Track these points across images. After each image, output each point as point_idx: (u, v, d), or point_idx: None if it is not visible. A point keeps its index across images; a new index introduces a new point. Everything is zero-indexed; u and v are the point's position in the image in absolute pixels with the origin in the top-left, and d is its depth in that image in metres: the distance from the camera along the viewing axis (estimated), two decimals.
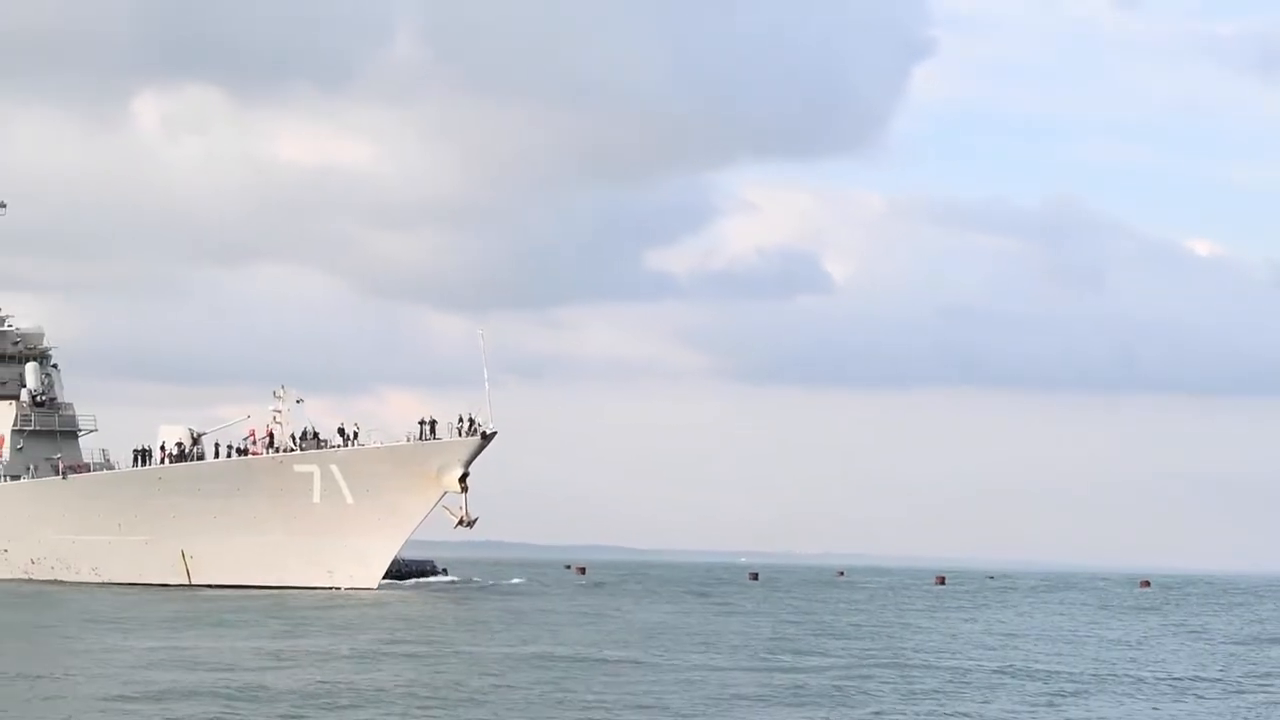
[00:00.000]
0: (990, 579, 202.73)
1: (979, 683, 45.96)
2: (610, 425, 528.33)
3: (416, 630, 61.53)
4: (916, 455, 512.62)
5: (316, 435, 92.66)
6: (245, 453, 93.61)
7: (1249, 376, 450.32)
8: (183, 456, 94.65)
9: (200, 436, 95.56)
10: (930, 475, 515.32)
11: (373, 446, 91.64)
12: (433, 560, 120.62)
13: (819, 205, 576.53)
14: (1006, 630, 72.79)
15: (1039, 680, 47.26)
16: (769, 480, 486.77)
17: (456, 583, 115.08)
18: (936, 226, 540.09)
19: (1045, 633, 71.72)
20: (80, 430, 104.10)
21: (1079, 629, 76.02)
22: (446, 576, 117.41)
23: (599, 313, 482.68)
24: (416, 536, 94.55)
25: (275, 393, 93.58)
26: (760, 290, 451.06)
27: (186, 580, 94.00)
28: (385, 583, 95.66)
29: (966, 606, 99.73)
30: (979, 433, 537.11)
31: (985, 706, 40.58)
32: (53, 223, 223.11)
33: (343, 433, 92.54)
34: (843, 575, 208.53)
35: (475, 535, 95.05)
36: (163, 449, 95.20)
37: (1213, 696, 45.00)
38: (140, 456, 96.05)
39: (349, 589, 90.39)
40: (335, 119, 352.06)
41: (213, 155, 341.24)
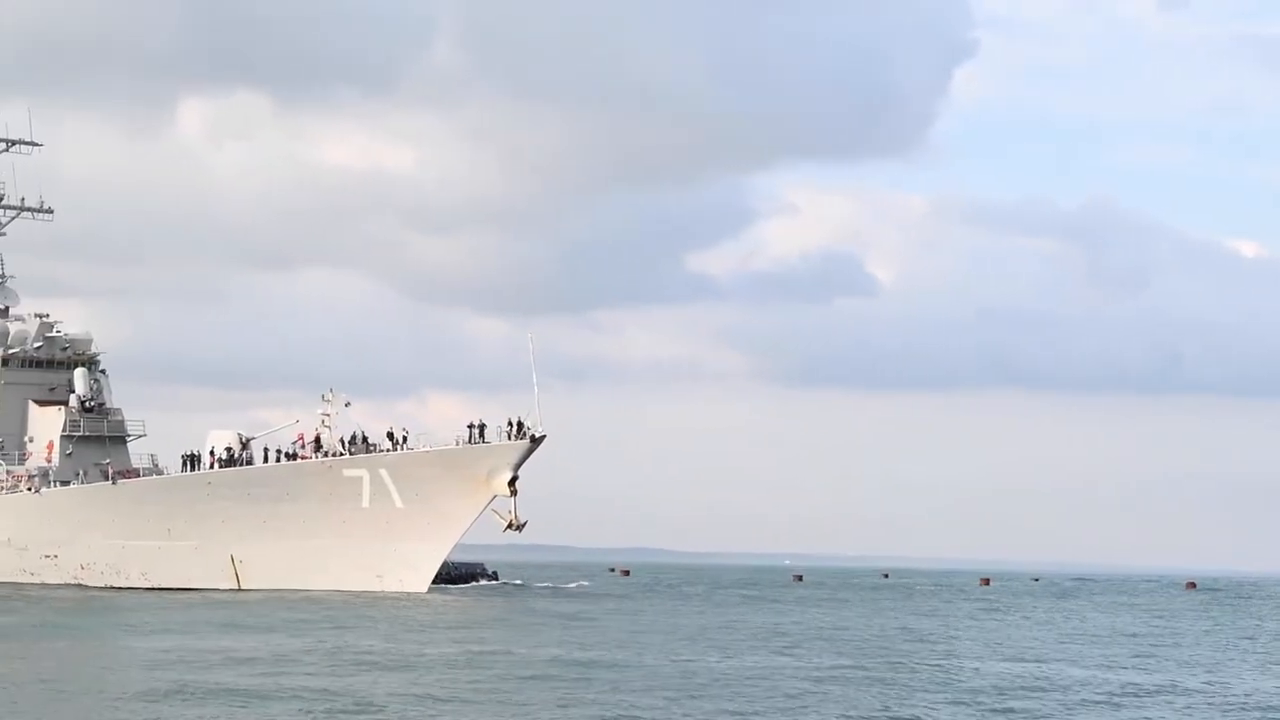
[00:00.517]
0: (1035, 580, 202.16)
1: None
2: (651, 427, 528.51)
3: (512, 634, 61.37)
4: (957, 457, 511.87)
5: (365, 439, 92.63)
6: (294, 457, 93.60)
7: None
8: (232, 461, 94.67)
9: (249, 441, 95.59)
10: (970, 477, 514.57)
11: (422, 450, 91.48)
12: (482, 563, 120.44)
13: (860, 207, 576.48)
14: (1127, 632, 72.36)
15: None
16: (810, 482, 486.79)
17: (518, 585, 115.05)
18: (977, 228, 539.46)
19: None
20: (129, 435, 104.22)
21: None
22: (496, 580, 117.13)
23: (640, 315, 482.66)
24: (460, 539, 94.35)
25: (324, 396, 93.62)
26: (801, 292, 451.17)
27: (236, 585, 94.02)
28: (435, 586, 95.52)
29: (1044, 609, 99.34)
30: (1019, 434, 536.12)
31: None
32: (98, 229, 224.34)
33: (391, 436, 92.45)
34: (887, 577, 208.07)
35: (518, 538, 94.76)
36: (212, 454, 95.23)
37: None
38: (189, 461, 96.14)
39: (399, 593, 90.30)
40: (378, 123, 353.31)
41: (257, 160, 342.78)
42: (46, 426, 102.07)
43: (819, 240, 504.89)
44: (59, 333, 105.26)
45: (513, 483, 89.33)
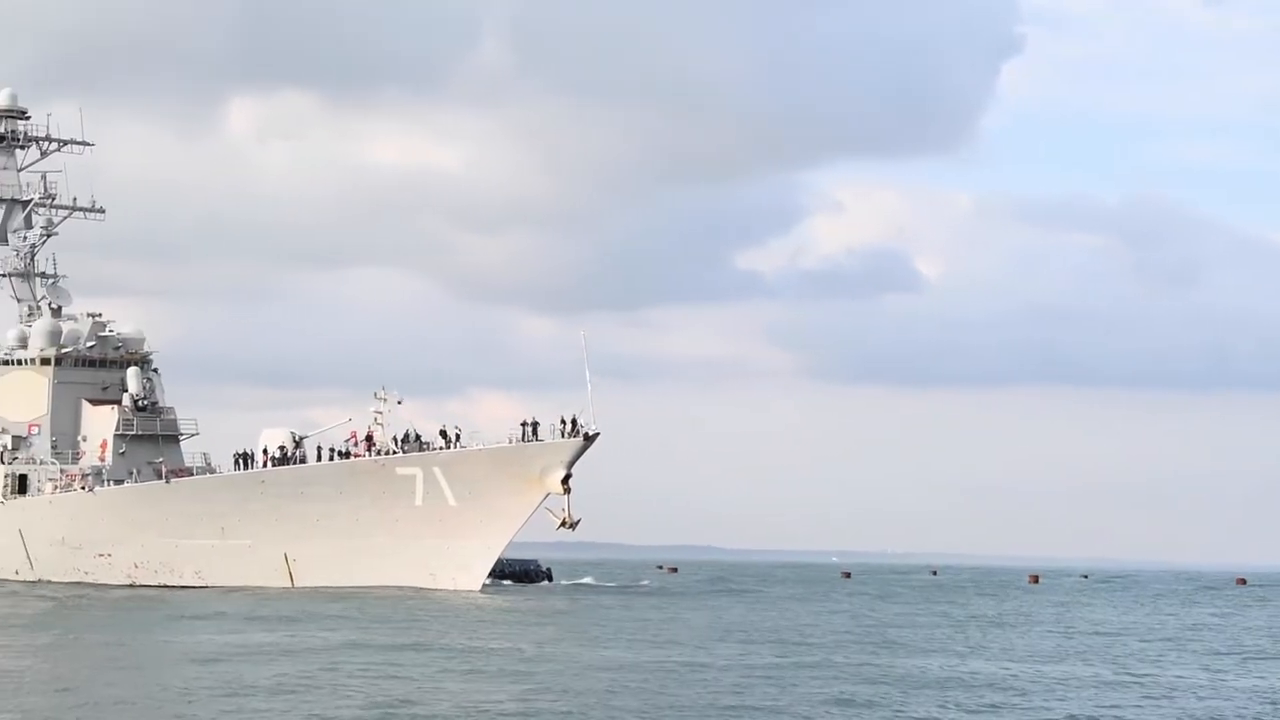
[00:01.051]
0: (1084, 577, 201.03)
1: None
2: (699, 425, 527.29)
3: (602, 632, 61.24)
4: (1003, 454, 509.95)
5: (419, 437, 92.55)
6: (347, 455, 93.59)
7: None
8: (285, 460, 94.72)
9: (302, 440, 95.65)
10: (1017, 474, 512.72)
11: (475, 449, 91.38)
12: (536, 560, 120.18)
13: (907, 204, 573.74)
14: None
15: None
16: (857, 479, 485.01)
17: (591, 585, 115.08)
18: (1024, 224, 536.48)
19: None
20: (182, 434, 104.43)
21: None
22: (551, 580, 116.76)
23: (688, 313, 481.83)
24: (513, 537, 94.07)
25: (376, 394, 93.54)
26: (849, 289, 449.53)
27: (289, 583, 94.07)
28: (488, 583, 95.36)
29: (1120, 605, 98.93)
30: (1066, 431, 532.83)
31: None
32: (149, 228, 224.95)
33: (444, 435, 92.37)
34: (936, 574, 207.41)
35: (565, 535, 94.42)
36: (265, 452, 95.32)
37: None
38: (243, 460, 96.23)
39: (452, 591, 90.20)
40: (426, 122, 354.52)
41: (305, 160, 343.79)
42: (100, 426, 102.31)
43: (866, 237, 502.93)
44: (112, 332, 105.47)
45: (566, 481, 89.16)
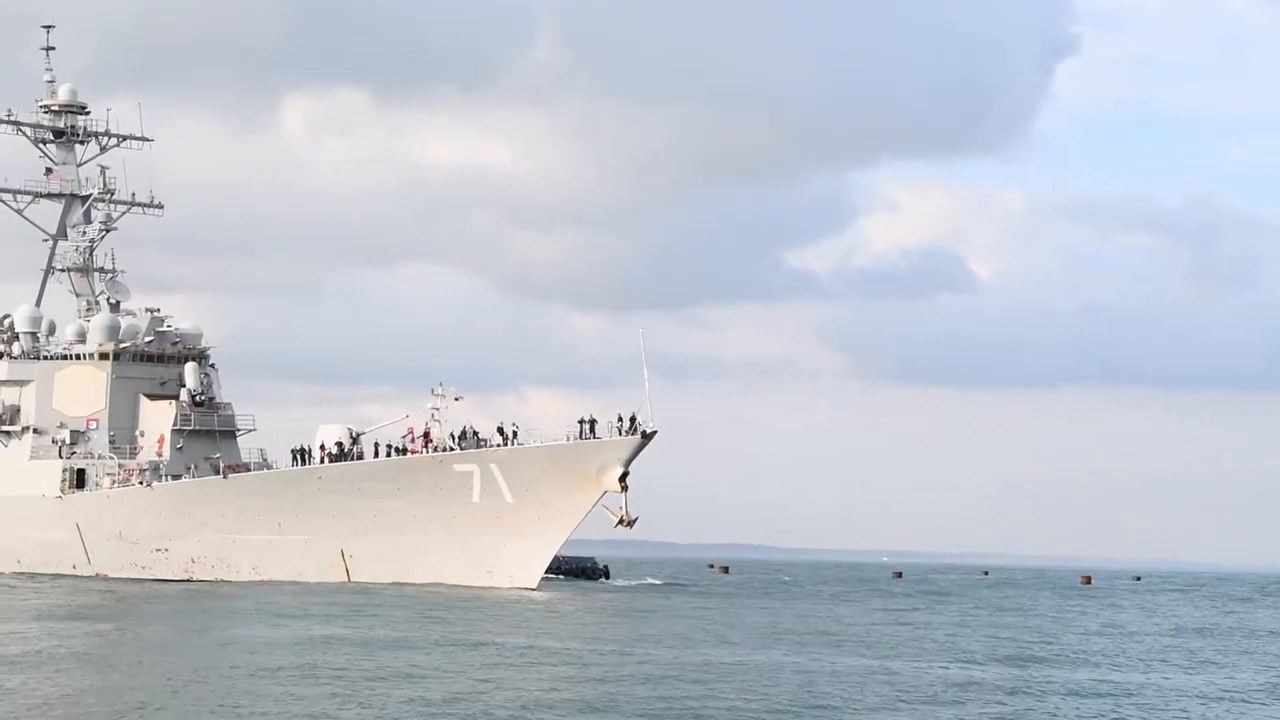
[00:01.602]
0: (1137, 579, 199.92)
1: None
2: (749, 424, 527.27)
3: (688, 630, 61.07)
4: (1057, 454, 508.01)
5: (476, 434, 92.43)
6: (404, 452, 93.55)
7: None
8: (342, 456, 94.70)
9: (359, 436, 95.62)
10: (1070, 474, 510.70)
11: (532, 446, 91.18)
12: (593, 558, 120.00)
13: (960, 203, 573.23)
14: None
15: None
16: (908, 479, 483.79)
17: (656, 585, 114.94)
18: (1078, 224, 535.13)
19: None
20: (239, 430, 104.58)
21: None
22: (609, 578, 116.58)
23: (739, 312, 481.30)
24: (570, 535, 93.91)
25: (434, 390, 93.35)
26: (901, 289, 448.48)
27: (346, 579, 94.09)
28: (546, 578, 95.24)
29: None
30: (1120, 431, 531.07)
31: None
32: (204, 224, 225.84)
33: (502, 431, 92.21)
34: (987, 574, 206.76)
35: (621, 533, 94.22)
36: (322, 448, 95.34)
37: None
38: (300, 456, 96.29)
39: (509, 588, 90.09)
40: (477, 120, 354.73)
41: (358, 157, 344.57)
42: (157, 421, 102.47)
43: (919, 237, 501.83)
44: (169, 327, 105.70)
45: (623, 478, 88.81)
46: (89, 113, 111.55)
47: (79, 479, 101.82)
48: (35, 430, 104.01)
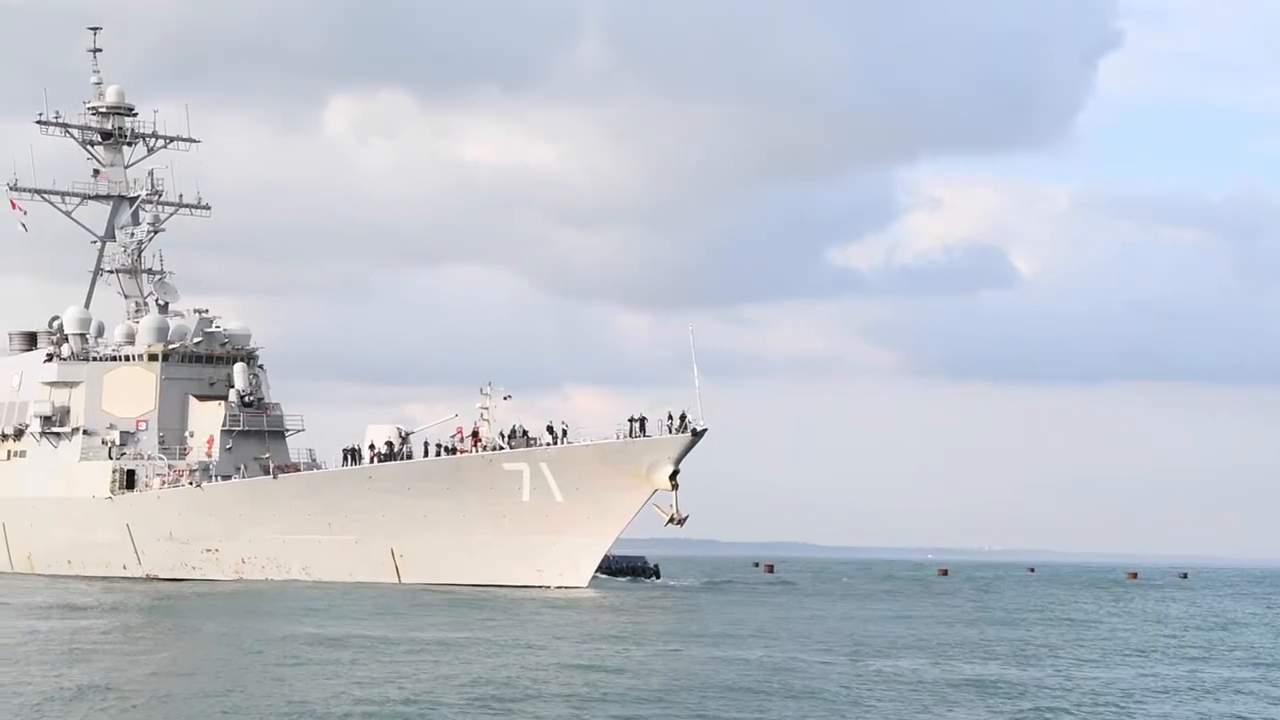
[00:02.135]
0: (1182, 576, 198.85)
1: None
2: (794, 421, 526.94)
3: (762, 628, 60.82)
4: (1102, 451, 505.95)
5: (525, 433, 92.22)
6: (454, 451, 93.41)
7: None
8: (392, 456, 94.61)
9: (409, 435, 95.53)
10: (1116, 471, 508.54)
11: (582, 445, 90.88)
12: (643, 556, 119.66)
13: (1004, 200, 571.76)
14: None
15: None
16: (952, 476, 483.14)
17: (694, 585, 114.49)
18: (1122, 220, 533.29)
19: None
20: (288, 430, 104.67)
21: None
22: (659, 577, 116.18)
23: (784, 309, 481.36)
24: (620, 534, 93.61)
25: (483, 390, 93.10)
26: (946, 285, 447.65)
27: (396, 579, 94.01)
28: (598, 578, 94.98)
29: None
30: (1165, 428, 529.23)
31: None
32: (251, 225, 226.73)
33: (551, 430, 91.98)
34: (1033, 571, 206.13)
35: (668, 531, 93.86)
36: (371, 448, 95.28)
37: None
38: (349, 456, 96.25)
39: (559, 587, 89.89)
40: (522, 120, 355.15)
41: (403, 158, 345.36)
42: (207, 421, 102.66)
43: (963, 233, 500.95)
44: (218, 328, 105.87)
45: (674, 477, 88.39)
46: (136, 114, 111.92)
47: (129, 480, 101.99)
48: (85, 431, 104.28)
